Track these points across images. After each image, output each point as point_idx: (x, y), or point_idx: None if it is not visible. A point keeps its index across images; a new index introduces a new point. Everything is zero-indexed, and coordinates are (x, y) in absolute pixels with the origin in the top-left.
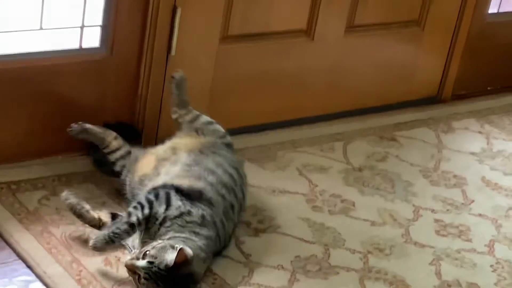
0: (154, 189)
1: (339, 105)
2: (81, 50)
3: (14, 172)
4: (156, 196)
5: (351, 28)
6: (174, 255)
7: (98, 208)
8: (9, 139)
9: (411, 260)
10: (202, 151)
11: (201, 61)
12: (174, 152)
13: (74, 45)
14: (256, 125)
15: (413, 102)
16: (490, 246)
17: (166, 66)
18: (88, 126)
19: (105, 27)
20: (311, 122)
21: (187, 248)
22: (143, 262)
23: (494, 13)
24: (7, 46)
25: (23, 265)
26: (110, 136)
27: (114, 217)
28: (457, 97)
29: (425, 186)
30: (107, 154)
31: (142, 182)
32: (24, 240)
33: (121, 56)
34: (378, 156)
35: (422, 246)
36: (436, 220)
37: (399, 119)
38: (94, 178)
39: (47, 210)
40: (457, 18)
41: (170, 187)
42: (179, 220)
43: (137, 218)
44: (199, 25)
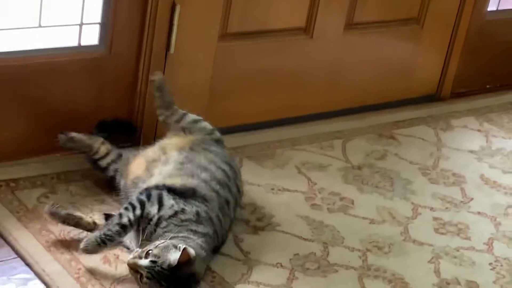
0: (146, 190)
1: (338, 103)
2: (80, 48)
3: (13, 170)
4: (148, 197)
5: (350, 26)
6: (177, 255)
7: (97, 206)
8: (8, 137)
9: (410, 258)
10: (193, 149)
11: (200, 59)
12: (164, 152)
13: (73, 43)
14: (255, 123)
15: (412, 100)
16: (489, 244)
17: (165, 64)
18: (74, 135)
19: (104, 25)
20: (310, 120)
21: (190, 248)
22: (146, 261)
23: (493, 11)
24: (6, 44)
25: (22, 263)
26: (97, 142)
27: (108, 218)
28: (456, 95)
29: (424, 184)
30: (98, 161)
31: (136, 185)
32: (23, 238)
33: (120, 54)
34: (377, 154)
35: (421, 244)
36: (435, 218)
37: (398, 117)
38: (93, 176)
39: None
40: (456, 16)
41: (163, 187)
42: (175, 220)
43: (129, 219)
44: (198, 23)
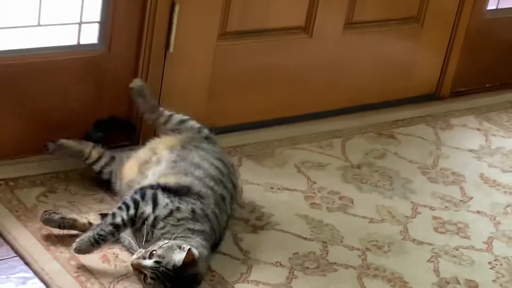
0: (141, 189)
1: (338, 102)
2: (79, 47)
3: (12, 169)
4: (143, 196)
5: (350, 25)
6: (182, 255)
7: (96, 205)
8: (7, 136)
9: (410, 257)
10: (184, 147)
11: (199, 58)
12: (154, 153)
13: (72, 42)
14: (254, 122)
15: (412, 99)
16: (489, 243)
17: (164, 63)
18: (63, 141)
19: (103, 24)
20: (310, 119)
21: (194, 249)
22: (150, 262)
23: (493, 10)
24: (5, 42)
25: (21, 262)
26: (88, 147)
27: (104, 218)
28: (456, 94)
29: (424, 183)
30: (91, 165)
31: (131, 188)
32: (22, 237)
33: (119, 53)
34: (377, 153)
35: (421, 243)
36: (435, 217)
37: (398, 116)
38: (92, 175)
39: (45, 207)
40: (456, 15)
41: (157, 187)
42: (171, 219)
43: (122, 219)
44: (197, 22)
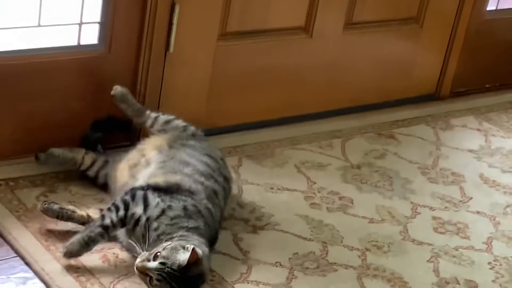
0: (131, 190)
1: (338, 102)
2: (79, 47)
3: (13, 169)
4: (133, 197)
5: (350, 25)
6: (186, 255)
7: (96, 205)
8: (7, 136)
9: (409, 258)
10: (172, 146)
11: (200, 58)
12: (143, 154)
13: (72, 42)
14: (254, 122)
15: (412, 99)
16: (488, 244)
17: (164, 63)
18: (53, 150)
19: (104, 24)
20: (310, 119)
21: (198, 248)
22: (156, 264)
23: (493, 10)
24: (6, 43)
25: (21, 262)
26: (80, 154)
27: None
28: (456, 94)
29: (423, 184)
30: (86, 172)
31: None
32: (22, 237)
33: (119, 53)
34: (377, 153)
35: (420, 244)
36: (434, 218)
37: (398, 116)
38: None
39: None
40: (456, 15)
41: (147, 187)
42: (164, 219)
43: (111, 221)
44: (198, 22)
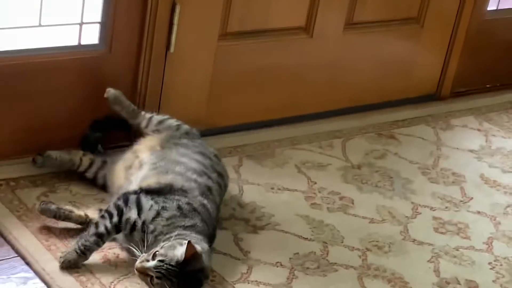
0: (124, 195)
1: (338, 102)
2: (80, 47)
3: (13, 169)
4: (126, 202)
5: (350, 25)
6: (183, 249)
7: (97, 205)
8: (8, 136)
9: (410, 258)
10: (164, 146)
11: (200, 58)
12: (136, 156)
13: (73, 42)
14: (255, 122)
15: (412, 99)
16: (489, 244)
17: (165, 63)
18: (50, 153)
19: (104, 24)
20: (310, 119)
21: (196, 244)
22: (154, 262)
23: (493, 10)
24: (6, 43)
25: (22, 262)
26: (77, 155)
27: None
28: (456, 95)
29: (424, 184)
30: (84, 173)
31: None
32: (23, 237)
33: (120, 53)
34: (377, 154)
35: (421, 244)
36: (435, 218)
37: (398, 117)
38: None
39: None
40: (456, 15)
41: (140, 191)
42: (160, 220)
43: (105, 228)
44: (198, 22)
